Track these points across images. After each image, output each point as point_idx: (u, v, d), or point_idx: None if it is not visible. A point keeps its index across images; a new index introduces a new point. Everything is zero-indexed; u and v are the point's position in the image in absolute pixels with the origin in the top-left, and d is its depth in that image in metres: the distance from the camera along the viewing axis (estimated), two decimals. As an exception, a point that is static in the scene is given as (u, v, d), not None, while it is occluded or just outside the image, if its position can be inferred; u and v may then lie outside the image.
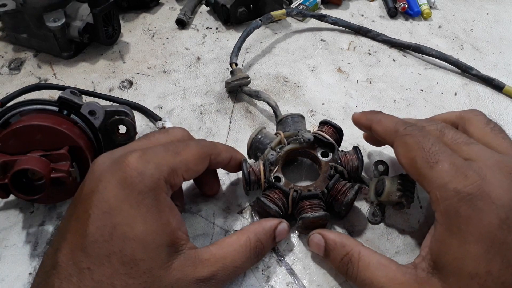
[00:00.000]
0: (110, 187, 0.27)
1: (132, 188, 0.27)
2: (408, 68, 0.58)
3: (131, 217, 0.26)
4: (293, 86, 0.55)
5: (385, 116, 0.37)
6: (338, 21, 0.63)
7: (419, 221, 0.41)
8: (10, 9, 0.54)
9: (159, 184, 0.28)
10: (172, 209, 0.29)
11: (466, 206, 0.27)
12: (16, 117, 0.37)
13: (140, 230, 0.26)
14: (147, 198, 0.27)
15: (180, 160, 0.30)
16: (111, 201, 0.26)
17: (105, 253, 0.25)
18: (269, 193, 0.38)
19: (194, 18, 0.66)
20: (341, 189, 0.38)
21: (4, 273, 0.36)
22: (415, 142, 0.31)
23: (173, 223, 0.28)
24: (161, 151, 0.30)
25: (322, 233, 0.35)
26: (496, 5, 0.71)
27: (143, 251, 0.26)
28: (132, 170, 0.27)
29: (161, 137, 0.33)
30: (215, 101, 0.52)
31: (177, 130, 0.35)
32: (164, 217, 0.28)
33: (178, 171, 0.30)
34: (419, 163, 0.30)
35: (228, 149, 0.37)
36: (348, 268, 0.32)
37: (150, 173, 0.28)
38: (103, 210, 0.26)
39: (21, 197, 0.35)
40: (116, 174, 0.27)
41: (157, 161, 0.29)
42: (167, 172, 0.29)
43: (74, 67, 0.56)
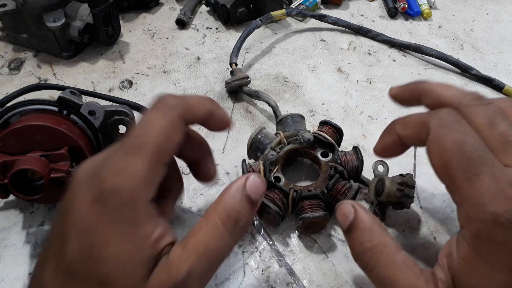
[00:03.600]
0: (85, 206, 0.25)
1: (107, 206, 0.25)
2: (408, 68, 0.58)
3: (107, 236, 0.24)
4: (293, 86, 0.55)
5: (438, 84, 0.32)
6: (338, 21, 0.63)
7: (419, 221, 0.41)
8: (10, 9, 0.54)
9: (134, 195, 0.25)
10: (153, 218, 0.26)
11: (502, 231, 0.24)
12: (16, 117, 0.37)
13: (116, 249, 0.24)
14: (122, 214, 0.25)
15: (152, 151, 0.26)
16: (87, 220, 0.25)
17: (85, 274, 0.24)
18: (269, 193, 0.38)
19: (194, 18, 0.66)
20: (341, 189, 0.38)
21: (4, 273, 0.36)
22: (453, 141, 0.26)
23: (154, 235, 0.25)
24: (132, 155, 0.26)
25: (355, 206, 0.30)
26: (496, 5, 0.71)
27: (120, 271, 0.24)
28: (106, 186, 0.25)
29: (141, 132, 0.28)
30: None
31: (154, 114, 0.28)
32: (143, 230, 0.25)
33: (156, 165, 0.26)
34: (455, 171, 0.25)
35: (202, 103, 0.31)
36: (366, 257, 0.28)
37: (123, 186, 0.25)
38: (79, 230, 0.25)
39: (21, 197, 0.35)
40: (91, 192, 0.25)
41: (130, 170, 0.25)
42: (142, 179, 0.25)
43: (74, 67, 0.56)
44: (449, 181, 0.27)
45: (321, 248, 0.38)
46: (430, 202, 0.42)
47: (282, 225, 0.40)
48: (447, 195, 0.43)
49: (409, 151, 0.47)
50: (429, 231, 0.40)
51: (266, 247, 0.38)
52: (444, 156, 0.26)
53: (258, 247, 0.38)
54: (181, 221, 0.40)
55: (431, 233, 0.40)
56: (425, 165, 0.46)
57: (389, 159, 0.44)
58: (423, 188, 0.43)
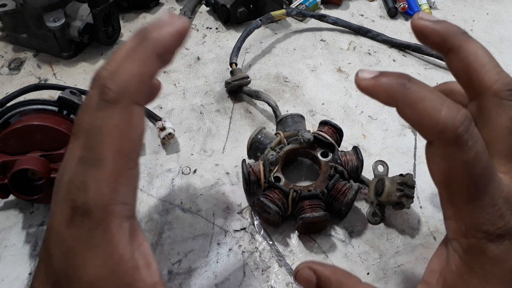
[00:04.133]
0: (62, 226, 0.23)
1: (81, 228, 0.23)
2: (408, 68, 0.58)
3: (85, 259, 0.23)
4: (293, 86, 0.55)
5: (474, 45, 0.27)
6: (338, 21, 0.63)
7: (419, 221, 0.41)
8: (10, 9, 0.54)
9: (105, 215, 0.23)
10: (133, 240, 0.24)
11: (494, 246, 0.24)
12: (16, 117, 0.37)
13: (92, 274, 0.23)
14: (95, 237, 0.23)
15: (113, 162, 0.23)
16: (67, 242, 0.23)
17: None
18: (269, 193, 0.38)
19: (194, 18, 0.66)
20: (341, 189, 0.38)
21: (4, 273, 0.36)
22: (462, 162, 0.23)
23: (129, 262, 0.23)
24: (94, 173, 0.23)
25: (313, 267, 0.27)
26: (496, 5, 0.71)
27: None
28: (76, 207, 0.23)
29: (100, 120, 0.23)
30: (215, 101, 0.52)
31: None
32: (117, 254, 0.23)
33: (122, 175, 0.23)
34: (456, 190, 0.24)
35: (140, 73, 0.24)
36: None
37: (92, 207, 0.23)
38: (62, 251, 0.23)
39: (21, 197, 0.35)
40: (65, 213, 0.23)
41: (95, 189, 0.23)
42: (108, 196, 0.23)
43: (74, 67, 0.56)
44: (446, 196, 0.25)
45: (321, 248, 0.38)
46: (430, 202, 0.42)
47: (282, 225, 0.40)
48: (447, 195, 0.43)
49: (409, 151, 0.47)
50: (429, 231, 0.40)
51: (266, 247, 0.38)
52: (448, 174, 0.24)
53: (258, 247, 0.38)
54: (180, 221, 0.40)
55: (431, 233, 0.40)
56: (425, 165, 0.45)
57: (389, 159, 0.44)
58: (423, 188, 0.43)
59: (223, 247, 0.38)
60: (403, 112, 0.24)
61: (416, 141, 0.48)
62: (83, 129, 0.23)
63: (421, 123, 0.23)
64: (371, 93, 0.25)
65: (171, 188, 0.43)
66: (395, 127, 0.50)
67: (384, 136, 0.49)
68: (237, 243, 0.39)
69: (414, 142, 0.48)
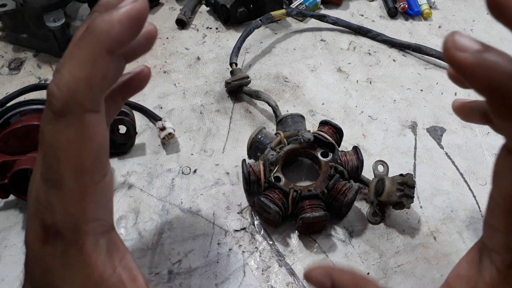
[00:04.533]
0: (38, 245, 0.22)
1: (55, 247, 0.21)
2: (408, 68, 0.58)
3: (63, 280, 0.22)
4: (293, 86, 0.55)
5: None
6: (338, 21, 0.63)
7: (419, 221, 0.41)
8: (10, 9, 0.54)
9: (76, 234, 0.21)
10: (112, 255, 0.22)
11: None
12: (16, 117, 0.37)
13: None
14: (71, 257, 0.21)
15: (73, 181, 0.20)
16: (45, 261, 0.22)
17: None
18: (269, 193, 0.38)
19: (194, 18, 0.66)
20: (341, 189, 0.38)
21: (4, 273, 0.36)
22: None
23: (110, 279, 0.22)
24: (56, 193, 0.21)
25: (328, 270, 0.24)
26: (496, 5, 0.71)
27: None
28: (47, 228, 0.21)
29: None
30: (215, 101, 0.52)
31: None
32: (96, 273, 0.22)
33: (87, 190, 0.21)
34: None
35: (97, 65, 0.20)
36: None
37: (62, 228, 0.21)
38: (41, 271, 0.22)
39: (21, 197, 0.35)
40: (37, 231, 0.22)
41: (61, 210, 0.21)
42: (76, 216, 0.21)
43: (74, 67, 0.56)
44: (505, 208, 0.22)
45: (321, 248, 0.38)
46: (430, 202, 0.42)
47: (282, 225, 0.40)
48: (447, 195, 0.43)
49: (409, 151, 0.47)
50: (429, 231, 0.40)
51: (266, 247, 0.38)
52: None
53: (258, 247, 0.38)
54: (181, 221, 0.40)
55: (431, 233, 0.40)
56: (425, 165, 0.46)
57: (389, 159, 0.44)
58: (423, 188, 0.43)
59: (223, 247, 0.38)
60: (499, 109, 0.19)
61: (416, 141, 0.48)
62: (41, 140, 0.21)
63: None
64: (466, 75, 0.18)
65: (171, 188, 0.43)
66: (395, 127, 0.50)
67: (384, 136, 0.49)
68: (237, 243, 0.39)
69: (414, 142, 0.48)
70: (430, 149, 0.48)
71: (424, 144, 0.48)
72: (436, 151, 0.47)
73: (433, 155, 0.47)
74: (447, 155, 0.47)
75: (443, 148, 0.48)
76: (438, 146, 0.48)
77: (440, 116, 0.51)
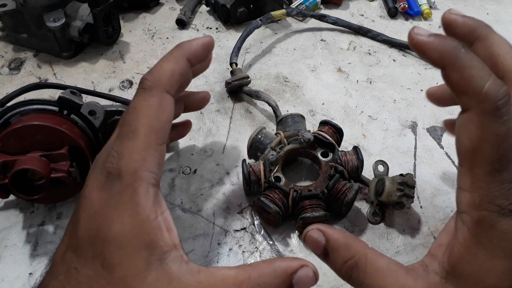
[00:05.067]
0: (94, 192, 0.26)
1: (111, 190, 0.26)
2: (408, 68, 0.58)
3: (111, 218, 0.25)
4: (293, 86, 0.55)
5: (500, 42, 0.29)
6: (338, 21, 0.63)
7: (419, 221, 0.41)
8: (10, 9, 0.54)
9: (134, 178, 0.26)
10: (155, 204, 0.26)
11: (505, 221, 0.24)
12: (16, 117, 0.37)
13: (117, 231, 0.25)
14: (123, 197, 0.25)
15: (145, 135, 0.27)
16: (95, 205, 0.26)
17: (91, 256, 0.25)
18: (269, 193, 0.38)
19: (194, 18, 0.66)
20: (341, 189, 0.38)
21: (4, 273, 0.36)
22: (494, 134, 0.24)
23: (153, 222, 0.25)
24: (127, 142, 0.27)
25: (322, 229, 0.29)
26: (496, 5, 0.71)
27: (120, 255, 0.25)
28: (109, 172, 0.26)
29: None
30: (215, 101, 0.52)
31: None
32: (143, 213, 0.25)
33: (152, 147, 0.27)
34: (480, 161, 0.24)
35: (179, 67, 0.30)
36: (353, 273, 0.28)
37: (123, 171, 0.26)
38: (88, 214, 0.26)
39: (21, 197, 0.35)
40: (98, 179, 0.27)
41: (127, 155, 0.26)
42: (139, 163, 0.26)
43: (74, 67, 0.56)
44: (467, 165, 0.25)
45: (321, 248, 0.38)
46: (430, 202, 0.42)
47: (282, 225, 0.40)
48: (447, 195, 0.43)
49: (409, 151, 0.47)
50: (429, 231, 0.40)
51: (266, 247, 0.38)
52: (477, 143, 0.24)
53: (258, 247, 0.38)
54: (181, 221, 0.40)
55: (431, 233, 0.40)
56: (425, 165, 0.46)
57: (389, 159, 0.44)
58: (423, 188, 0.43)
59: (223, 247, 0.38)
60: (450, 74, 0.24)
61: (416, 141, 0.48)
62: (124, 115, 0.29)
63: (465, 88, 0.24)
64: (423, 50, 0.25)
65: (172, 188, 0.43)
66: (395, 127, 0.50)
67: (384, 136, 0.49)
68: (238, 243, 0.39)
69: (414, 142, 0.48)
70: (430, 149, 0.48)
71: (424, 144, 0.48)
72: (436, 151, 0.47)
73: (433, 155, 0.47)
74: (447, 155, 0.47)
75: (443, 148, 0.48)
76: (438, 146, 0.48)
77: (440, 116, 0.51)
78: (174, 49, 0.31)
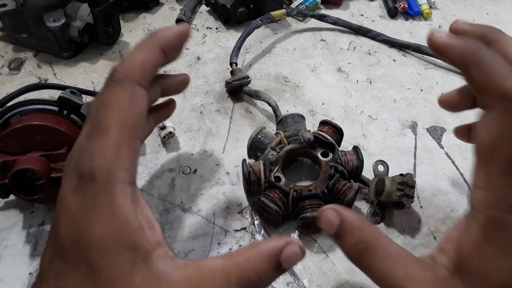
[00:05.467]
0: (68, 194, 0.25)
1: (86, 192, 0.25)
2: (408, 68, 0.58)
3: (90, 222, 0.24)
4: (293, 86, 0.55)
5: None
6: (338, 21, 0.63)
7: (419, 221, 0.41)
8: (10, 9, 0.54)
9: (108, 179, 0.25)
10: (135, 204, 0.25)
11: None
12: (16, 117, 0.37)
13: (98, 234, 0.24)
14: (99, 199, 0.24)
15: (117, 131, 0.25)
16: (72, 208, 0.25)
17: (76, 260, 0.24)
18: (269, 193, 0.38)
19: (194, 18, 0.66)
20: (341, 189, 0.38)
21: (4, 273, 0.36)
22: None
23: (133, 222, 0.25)
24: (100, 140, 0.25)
25: (338, 209, 0.29)
26: (496, 5, 0.71)
27: (103, 258, 0.24)
28: (82, 173, 0.25)
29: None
30: (215, 101, 0.52)
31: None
32: (121, 214, 0.24)
33: (125, 143, 0.26)
34: (498, 159, 0.24)
35: (149, 55, 0.28)
36: (363, 256, 0.28)
37: (96, 171, 0.25)
38: (67, 219, 0.25)
39: (21, 197, 0.35)
40: (72, 181, 0.25)
41: (99, 155, 0.25)
42: (112, 161, 0.25)
43: (74, 67, 0.56)
44: (485, 162, 0.25)
45: (321, 248, 0.38)
46: (430, 202, 0.42)
47: (282, 225, 0.40)
48: (447, 195, 0.43)
49: (409, 151, 0.47)
50: (429, 231, 0.40)
51: (266, 247, 0.38)
52: (496, 141, 0.24)
53: (258, 247, 0.38)
54: (181, 221, 0.40)
55: (431, 233, 0.40)
56: (425, 165, 0.46)
57: (389, 159, 0.44)
58: (423, 188, 0.43)
59: (223, 247, 0.38)
60: (472, 73, 0.25)
61: (416, 141, 0.48)
62: (92, 111, 0.27)
63: (488, 86, 0.24)
64: (445, 52, 0.25)
65: (172, 188, 0.43)
66: (395, 127, 0.50)
67: (384, 136, 0.49)
68: (238, 242, 0.39)
69: (414, 142, 0.48)
70: (430, 149, 0.48)
71: (424, 144, 0.48)
72: (436, 151, 0.47)
73: (433, 155, 0.47)
74: (447, 155, 0.47)
75: (443, 148, 0.48)
76: (438, 146, 0.48)
77: (440, 116, 0.51)
78: (147, 38, 0.28)
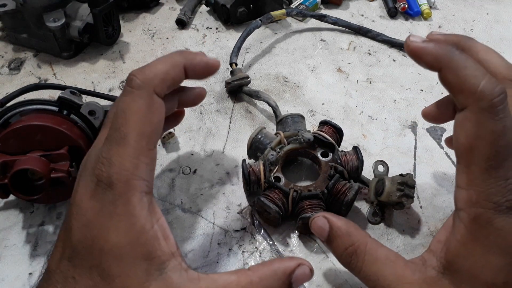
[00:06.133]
0: (85, 199, 0.25)
1: (103, 200, 0.25)
2: (408, 68, 0.58)
3: (106, 229, 0.25)
4: (293, 86, 0.55)
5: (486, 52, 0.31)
6: (338, 21, 0.63)
7: (419, 221, 0.41)
8: (10, 9, 0.54)
9: (127, 188, 0.25)
10: (152, 213, 0.26)
11: (501, 218, 0.25)
12: (16, 117, 0.37)
13: (114, 242, 0.24)
14: (117, 207, 0.25)
15: (135, 140, 0.25)
16: (88, 214, 0.25)
17: (88, 265, 0.25)
18: (269, 193, 0.38)
19: (194, 18, 0.66)
20: (341, 189, 0.38)
21: (4, 273, 0.36)
22: (490, 131, 0.24)
23: (149, 231, 0.25)
24: (118, 148, 0.26)
25: (327, 217, 0.31)
26: (496, 5, 0.71)
27: (118, 266, 0.24)
28: (101, 181, 0.25)
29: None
30: (215, 101, 0.52)
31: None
32: (138, 223, 0.25)
33: (143, 153, 0.26)
34: (477, 158, 0.25)
35: (173, 65, 0.29)
36: (352, 260, 0.29)
37: (116, 180, 0.25)
38: (82, 223, 0.25)
39: (21, 197, 0.35)
40: (89, 186, 0.26)
41: (118, 163, 0.25)
42: (131, 171, 0.25)
43: (74, 67, 0.56)
44: (464, 162, 0.26)
45: (321, 248, 0.38)
46: (430, 202, 0.42)
47: (282, 225, 0.40)
48: (447, 195, 0.43)
49: (409, 151, 0.47)
50: (429, 231, 0.40)
51: (266, 247, 0.38)
52: (473, 141, 0.25)
53: (258, 247, 0.38)
54: (181, 221, 0.40)
55: (431, 233, 0.40)
56: (425, 165, 0.46)
57: (389, 159, 0.44)
58: (423, 188, 0.43)
59: (223, 247, 0.38)
60: (446, 76, 0.25)
61: (416, 141, 0.48)
62: (110, 115, 0.27)
63: (461, 87, 0.25)
64: (419, 55, 0.26)
65: (172, 188, 0.43)
66: (395, 127, 0.50)
67: (384, 136, 0.49)
68: (237, 243, 0.39)
69: (414, 142, 0.48)
70: (430, 149, 0.48)
71: (424, 144, 0.48)
72: (436, 151, 0.47)
73: (433, 155, 0.47)
74: (447, 155, 0.47)
75: (443, 148, 0.48)
76: (438, 146, 0.48)
77: (440, 116, 0.51)
78: (175, 53, 0.29)
